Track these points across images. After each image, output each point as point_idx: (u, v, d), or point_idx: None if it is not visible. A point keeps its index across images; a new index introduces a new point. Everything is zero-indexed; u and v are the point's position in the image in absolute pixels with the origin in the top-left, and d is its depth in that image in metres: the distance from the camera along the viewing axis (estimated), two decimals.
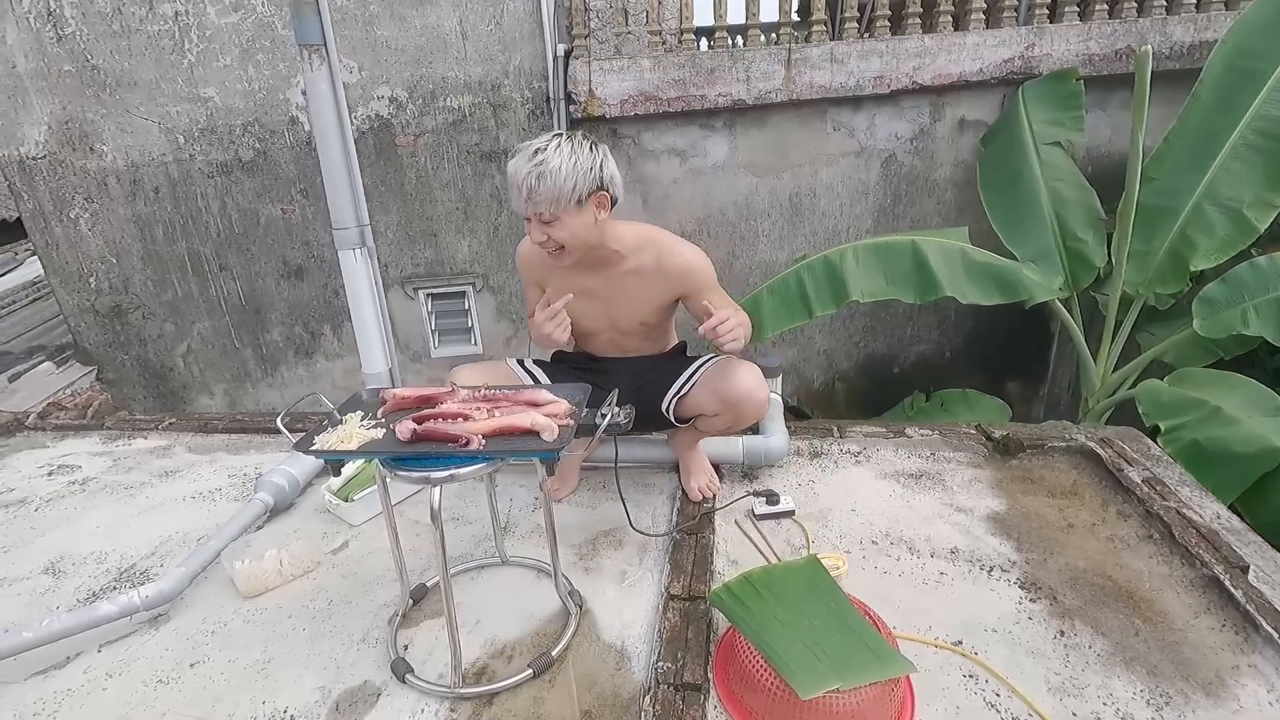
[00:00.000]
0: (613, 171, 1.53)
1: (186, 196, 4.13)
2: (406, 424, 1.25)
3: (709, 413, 1.69)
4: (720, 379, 1.65)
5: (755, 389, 1.62)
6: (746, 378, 1.62)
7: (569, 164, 1.44)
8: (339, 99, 2.05)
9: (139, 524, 1.97)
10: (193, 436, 2.47)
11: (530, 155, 1.45)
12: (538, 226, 1.51)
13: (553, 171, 1.43)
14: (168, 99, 3.91)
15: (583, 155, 1.47)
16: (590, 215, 1.52)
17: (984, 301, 3.40)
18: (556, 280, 1.73)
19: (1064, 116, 3.92)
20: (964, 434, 2.16)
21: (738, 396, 1.62)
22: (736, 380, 1.62)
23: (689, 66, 3.94)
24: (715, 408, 1.66)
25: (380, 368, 2.42)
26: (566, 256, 1.57)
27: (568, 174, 1.44)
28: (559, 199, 1.45)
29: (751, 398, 1.62)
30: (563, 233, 1.51)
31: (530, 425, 1.25)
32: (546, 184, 1.43)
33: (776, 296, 3.62)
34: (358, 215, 2.22)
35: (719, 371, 1.67)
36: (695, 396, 1.69)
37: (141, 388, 4.56)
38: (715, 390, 1.65)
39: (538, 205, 1.46)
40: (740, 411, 1.64)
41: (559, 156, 1.44)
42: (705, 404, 1.68)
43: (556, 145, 1.46)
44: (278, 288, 4.39)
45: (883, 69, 4.02)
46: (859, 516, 1.81)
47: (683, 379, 1.73)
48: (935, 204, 4.49)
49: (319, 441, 1.27)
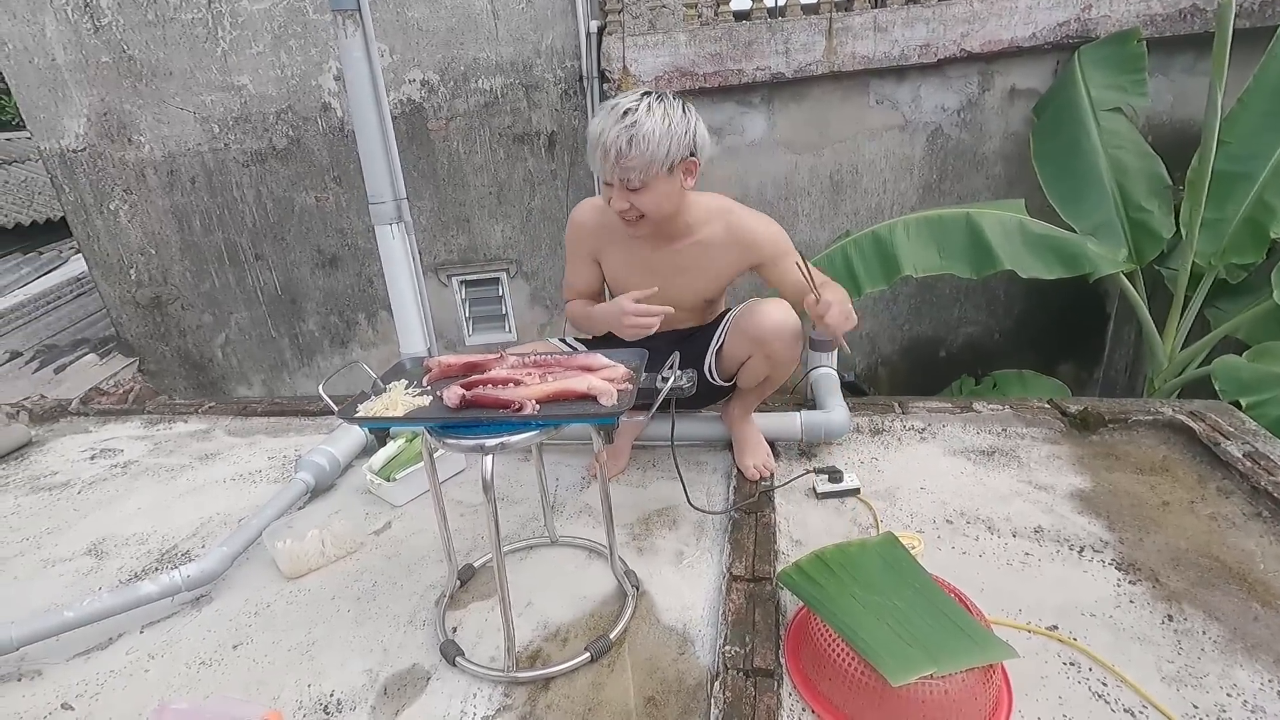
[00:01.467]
0: (705, 135, 1.43)
1: (222, 186, 4.13)
2: (455, 389, 1.17)
3: (742, 356, 1.59)
4: (747, 317, 1.54)
5: (783, 320, 1.50)
6: (772, 311, 1.50)
7: (663, 127, 1.33)
8: (374, 67, 1.98)
9: (180, 506, 1.93)
10: (232, 420, 2.43)
11: (620, 116, 1.34)
12: (621, 193, 1.40)
13: (646, 135, 1.32)
14: (202, 88, 3.91)
15: (676, 118, 1.36)
16: (677, 183, 1.43)
17: (1045, 275, 3.23)
18: (614, 253, 1.64)
19: (1125, 80, 3.70)
20: (1037, 409, 2.01)
21: (762, 332, 1.50)
22: (763, 314, 1.50)
23: (726, 40, 3.81)
24: (747, 349, 1.56)
25: (419, 348, 2.35)
26: (645, 226, 1.47)
27: (661, 137, 1.33)
28: (650, 165, 1.35)
29: (779, 330, 1.50)
30: (649, 201, 1.41)
31: (587, 389, 1.16)
32: (639, 149, 1.33)
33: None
34: (394, 189, 2.15)
35: (745, 311, 1.57)
36: (731, 344, 1.60)
37: (182, 378, 4.60)
38: (743, 330, 1.55)
39: (626, 171, 1.36)
40: (772, 349, 1.52)
41: (652, 119, 1.33)
42: (739, 349, 1.58)
43: (648, 106, 1.34)
44: (313, 277, 4.37)
45: (929, 36, 3.85)
46: (929, 495, 1.69)
47: (719, 331, 1.64)
48: (984, 179, 4.30)
49: (363, 409, 1.19)
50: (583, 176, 4.13)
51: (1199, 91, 4.05)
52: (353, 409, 1.19)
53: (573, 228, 1.67)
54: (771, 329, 1.49)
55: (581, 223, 1.65)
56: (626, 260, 1.63)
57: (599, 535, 1.60)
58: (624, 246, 1.61)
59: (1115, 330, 4.74)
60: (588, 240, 1.65)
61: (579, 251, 1.69)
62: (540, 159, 4.10)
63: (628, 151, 1.33)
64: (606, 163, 1.36)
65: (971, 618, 1.15)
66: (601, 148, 1.35)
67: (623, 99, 1.37)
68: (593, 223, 1.63)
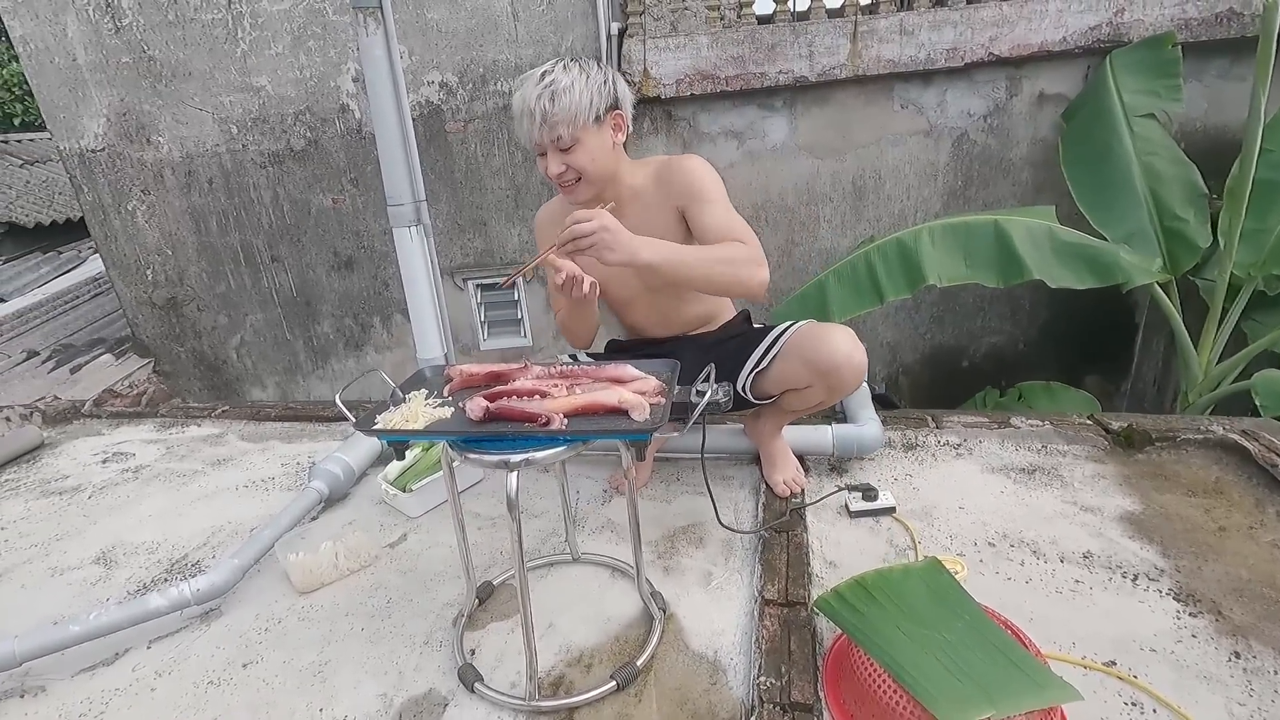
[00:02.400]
0: (625, 90, 1.43)
1: (240, 187, 4.12)
2: (478, 401, 1.11)
3: (798, 385, 1.50)
4: (811, 344, 1.46)
5: (853, 351, 1.43)
6: (842, 340, 1.43)
7: (581, 80, 1.34)
8: (395, 67, 1.94)
9: (191, 513, 1.89)
10: (245, 424, 2.39)
11: (538, 79, 1.34)
12: (555, 155, 1.38)
13: (566, 88, 1.32)
14: (221, 89, 3.89)
15: (593, 70, 1.37)
16: (608, 137, 1.41)
17: (1075, 285, 3.13)
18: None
19: (1159, 86, 3.61)
20: (1078, 425, 1.93)
21: (834, 362, 1.42)
22: (832, 344, 1.43)
23: (749, 43, 3.75)
24: (806, 378, 1.48)
25: (436, 353, 2.30)
26: (585, 189, 1.43)
27: (581, 89, 1.33)
28: (576, 116, 1.33)
29: (850, 362, 1.43)
30: (583, 157, 1.38)
31: (618, 403, 1.09)
32: (562, 102, 1.32)
33: (844, 281, 3.41)
34: (414, 190, 2.11)
35: (808, 336, 1.48)
36: (780, 368, 1.50)
37: (196, 380, 4.58)
38: (806, 358, 1.46)
39: (555, 128, 1.33)
40: (838, 380, 1.45)
41: (569, 74, 1.34)
42: (793, 375, 1.49)
43: (563, 66, 1.35)
44: (328, 279, 4.35)
45: (956, 40, 3.77)
46: (969, 515, 1.61)
47: (761, 349, 1.54)
48: (1010, 185, 4.21)
49: (381, 421, 1.14)
50: None
51: (1234, 97, 3.95)
52: (371, 420, 1.14)
53: (538, 230, 1.66)
54: (844, 360, 1.42)
55: (543, 222, 1.65)
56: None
57: (622, 552, 1.54)
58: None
59: (1144, 341, 4.62)
60: (551, 236, 1.61)
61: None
62: None
63: (551, 108, 1.32)
64: (534, 126, 1.34)
65: (1027, 653, 1.07)
66: (527, 113, 1.33)
67: (536, 69, 1.37)
68: (553, 216, 1.61)
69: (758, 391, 1.55)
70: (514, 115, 1.38)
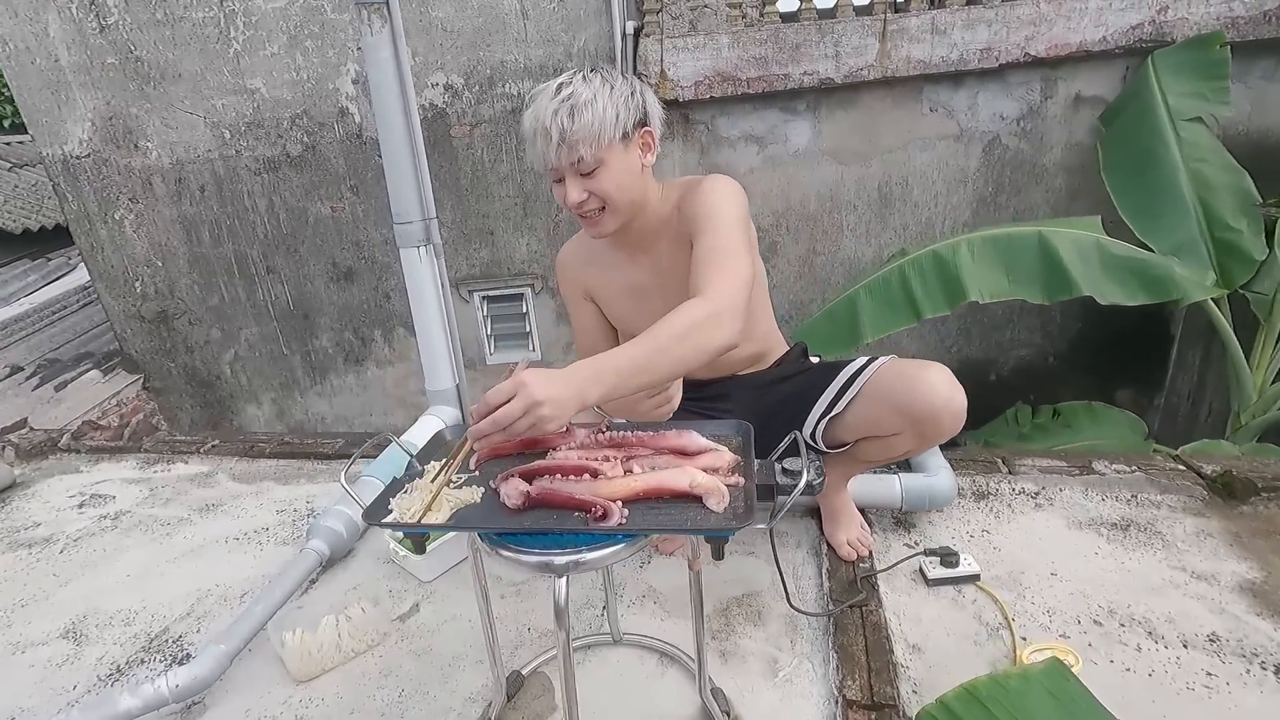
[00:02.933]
0: (655, 104, 1.20)
1: (233, 195, 3.90)
2: (515, 484, 0.91)
3: (883, 433, 1.28)
4: (902, 386, 1.24)
5: (953, 394, 1.21)
6: (940, 381, 1.21)
7: (604, 92, 1.12)
8: (403, 68, 1.73)
9: (175, 573, 1.68)
10: (237, 462, 2.18)
11: (553, 92, 1.12)
12: (575, 181, 1.16)
13: (587, 102, 1.10)
14: (213, 91, 3.68)
15: (617, 82, 1.15)
16: (635, 158, 1.19)
17: (1127, 302, 2.94)
18: (600, 283, 1.39)
19: (1206, 88, 3.41)
20: (1169, 470, 1.73)
21: (931, 407, 1.20)
22: (928, 386, 1.21)
23: (772, 42, 3.54)
24: (894, 425, 1.25)
25: (446, 383, 2.10)
26: (610, 220, 1.21)
27: (605, 103, 1.11)
28: (599, 135, 1.11)
29: (950, 407, 1.21)
30: (608, 182, 1.16)
31: (689, 487, 0.88)
32: (584, 118, 1.10)
33: (876, 297, 3.21)
34: (424, 207, 1.90)
35: (896, 377, 1.26)
36: (860, 413, 1.28)
37: (188, 397, 4.36)
38: (896, 403, 1.23)
39: (575, 149, 1.11)
40: (935, 429, 1.23)
41: (589, 87, 1.12)
42: (878, 421, 1.27)
43: (583, 76, 1.14)
44: (327, 291, 4.13)
45: (990, 40, 3.56)
46: (1064, 583, 1.41)
47: (833, 391, 1.31)
48: (1043, 192, 4.01)
49: (396, 507, 0.93)
50: None
51: None
52: (383, 508, 0.93)
53: (561, 272, 1.44)
54: (944, 405, 1.20)
55: (566, 262, 1.42)
56: (611, 287, 1.38)
57: (670, 631, 1.33)
58: (607, 272, 1.37)
59: (1179, 354, 4.43)
60: (576, 279, 1.42)
61: (573, 296, 1.44)
62: None
63: (570, 125, 1.10)
64: (549, 146, 1.12)
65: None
66: (542, 132, 1.11)
67: (552, 81, 1.15)
68: (576, 257, 1.40)
69: (829, 439, 1.34)
70: (525, 134, 1.16)
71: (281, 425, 4.46)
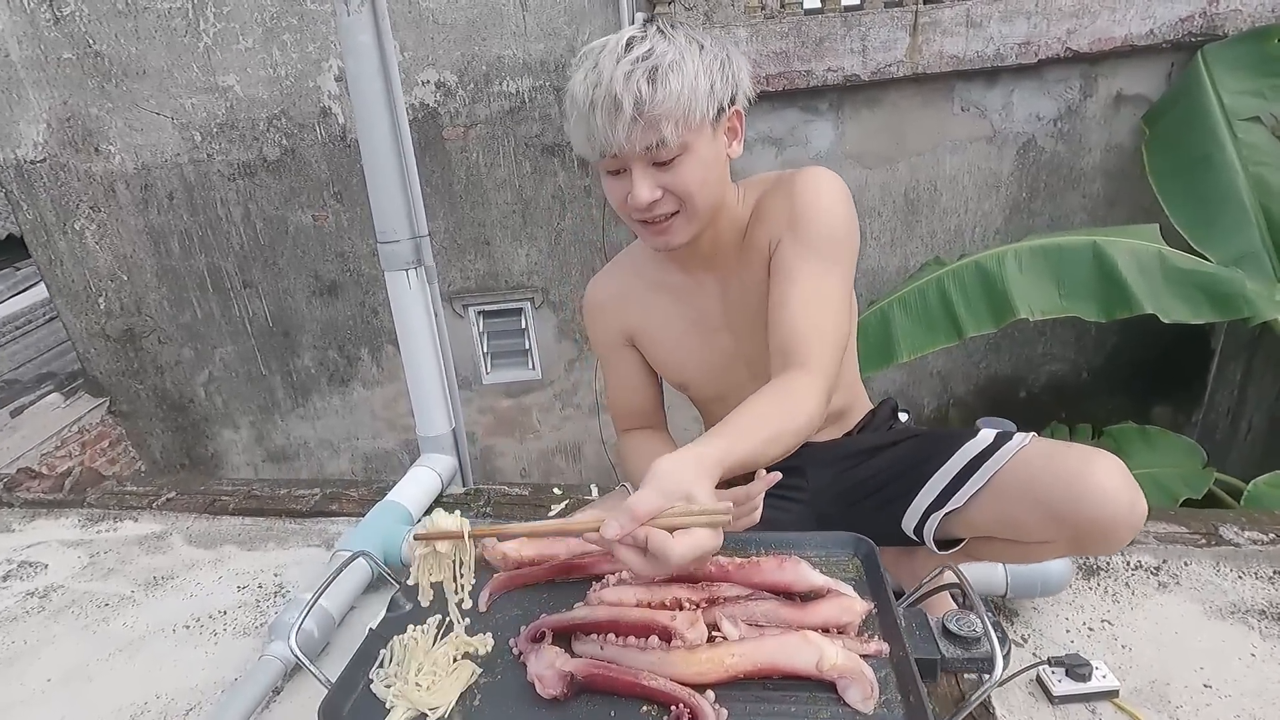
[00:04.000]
0: (747, 76, 0.90)
1: (205, 203, 3.58)
2: (549, 660, 0.60)
3: (1026, 539, 0.94)
4: (1060, 486, 0.87)
5: (1135, 501, 0.85)
6: (1117, 484, 0.84)
7: (693, 53, 0.82)
8: (386, 56, 1.42)
9: (106, 677, 1.36)
10: (195, 520, 1.86)
11: (622, 49, 0.80)
12: (647, 174, 0.85)
13: (674, 65, 0.80)
14: (181, 89, 3.36)
15: (706, 43, 0.84)
16: (721, 147, 0.90)
17: (1193, 319, 2.68)
18: (648, 318, 1.08)
19: (1264, 85, 3.15)
20: None
21: (1106, 520, 0.84)
22: (1100, 491, 0.84)
23: (794, 36, 3.26)
24: (1045, 532, 0.90)
25: (441, 429, 1.79)
26: (685, 227, 0.91)
27: (696, 68, 0.81)
28: (690, 111, 0.81)
29: (1131, 518, 0.85)
30: (691, 176, 0.86)
31: (815, 669, 0.59)
32: (670, 86, 0.79)
33: (911, 312, 2.93)
34: (414, 223, 1.60)
35: (1049, 470, 0.89)
36: (992, 511, 0.93)
37: (159, 421, 4.04)
38: (1051, 509, 0.87)
39: (656, 128, 0.81)
40: (1104, 541, 0.89)
41: (673, 45, 0.81)
42: (1019, 524, 0.92)
43: (659, 29, 0.83)
44: (309, 306, 3.81)
45: (1030, 33, 3.30)
46: (1224, 700, 1.12)
47: (947, 475, 0.98)
48: (1080, 197, 3.75)
49: (380, 685, 0.63)
50: None
51: None
52: (354, 684, 0.62)
53: (591, 315, 1.13)
54: (1125, 514, 0.84)
55: (599, 303, 1.12)
56: (663, 324, 1.08)
57: None
58: (656, 305, 1.07)
59: (1219, 369, 4.18)
60: (614, 323, 1.11)
61: (610, 344, 1.13)
62: (573, 173, 3.54)
63: (651, 94, 0.79)
64: (618, 123, 0.80)
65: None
66: (607, 102, 0.80)
67: (613, 36, 0.84)
68: (612, 295, 1.11)
69: (942, 534, 1.03)
70: (576, 105, 0.84)
71: (261, 451, 4.14)
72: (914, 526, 1.03)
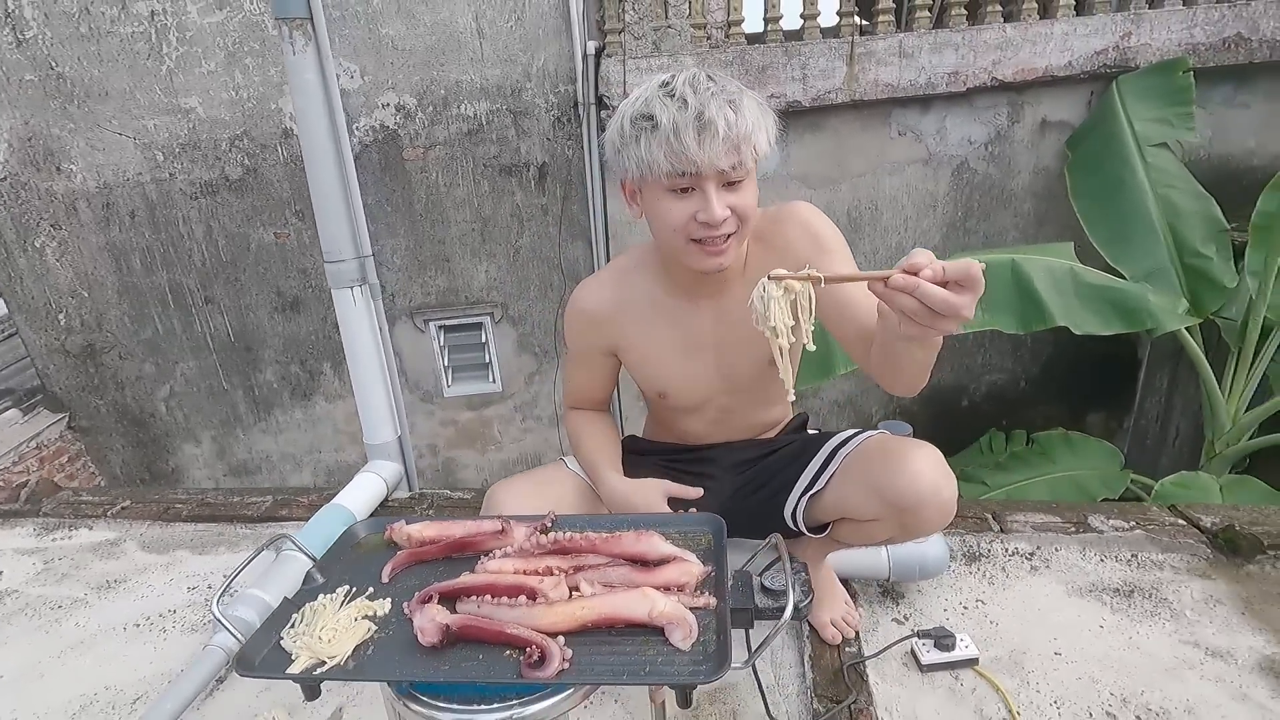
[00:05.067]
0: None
1: (167, 221, 3.65)
2: (430, 615, 0.72)
3: (861, 517, 1.11)
4: (882, 468, 1.05)
5: (941, 484, 1.02)
6: (926, 465, 1.02)
7: (752, 99, 0.96)
8: (330, 91, 1.55)
9: (58, 672, 1.44)
10: (149, 527, 1.94)
11: (695, 84, 0.93)
12: (719, 193, 0.96)
13: (739, 98, 0.94)
14: (144, 111, 3.44)
15: (750, 92, 0.98)
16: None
17: (1102, 331, 2.87)
18: (642, 333, 1.18)
19: (1171, 114, 3.40)
20: (1168, 525, 1.61)
21: (915, 497, 1.02)
22: (912, 471, 1.02)
23: (737, 64, 3.44)
24: (871, 510, 1.07)
25: (387, 437, 1.90)
26: (735, 250, 1.03)
27: (752, 102, 0.95)
28: (760, 140, 0.95)
29: (937, 499, 1.02)
30: (751, 200, 0.99)
31: (647, 617, 0.71)
32: (746, 116, 0.92)
33: None
34: (357, 244, 1.71)
35: (880, 456, 1.08)
36: (838, 493, 1.11)
37: (119, 436, 4.06)
38: (875, 485, 1.05)
39: (739, 149, 0.92)
40: (915, 520, 1.05)
41: (726, 85, 0.95)
42: (855, 504, 1.09)
43: (708, 78, 0.95)
44: (271, 322, 3.88)
45: (958, 64, 3.52)
46: (1070, 665, 1.27)
47: (816, 464, 1.15)
48: (1012, 217, 3.97)
49: (289, 640, 0.74)
50: (576, 213, 3.71)
51: (1240, 125, 3.79)
52: (266, 641, 0.74)
53: (577, 320, 1.21)
54: (930, 495, 1.02)
55: (590, 311, 1.19)
56: (655, 343, 1.17)
57: None
58: (651, 324, 1.17)
59: (1147, 378, 4.42)
60: (601, 331, 1.20)
61: (588, 346, 1.23)
62: (530, 193, 3.68)
63: (735, 119, 0.91)
64: (708, 142, 0.91)
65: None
66: (698, 123, 0.91)
67: (662, 76, 0.97)
68: (604, 305, 1.18)
69: (809, 520, 1.18)
70: (657, 124, 0.92)
71: (222, 465, 4.18)
72: (790, 512, 1.17)
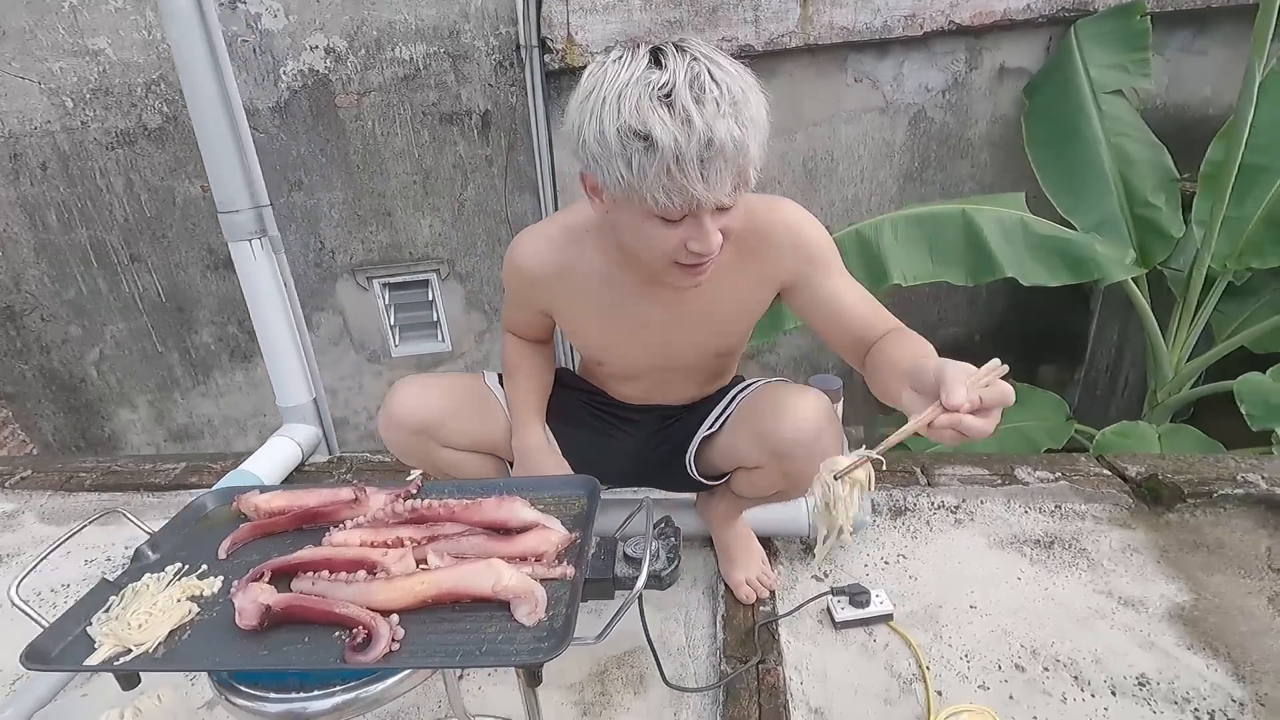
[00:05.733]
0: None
1: (82, 174, 3.42)
2: (253, 595, 0.65)
3: (747, 464, 1.08)
4: (765, 412, 1.01)
5: (816, 430, 0.98)
6: (807, 410, 0.98)
7: (756, 96, 0.82)
8: (207, 14, 1.40)
9: None
10: (50, 497, 1.84)
11: (683, 77, 0.76)
12: (716, 219, 0.84)
13: (745, 94, 0.79)
14: (47, 52, 3.17)
15: (743, 69, 0.84)
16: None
17: (1050, 283, 2.85)
18: (581, 304, 1.08)
19: (1127, 60, 3.33)
20: (1093, 475, 1.60)
21: (793, 441, 0.97)
22: (792, 415, 0.97)
23: (687, 5, 3.29)
24: (755, 457, 1.04)
25: (301, 398, 1.81)
26: (714, 264, 0.92)
27: (759, 105, 0.82)
28: (763, 149, 0.84)
29: (817, 444, 0.98)
30: (741, 211, 0.89)
31: (492, 591, 0.65)
32: (758, 126, 0.81)
33: None
34: (252, 192, 1.59)
35: (767, 401, 1.03)
36: (728, 439, 1.08)
37: (49, 402, 3.88)
38: (757, 430, 1.01)
39: (747, 174, 0.82)
40: (794, 468, 1.00)
41: (737, 78, 0.79)
42: (742, 452, 1.07)
43: (715, 64, 0.79)
44: (204, 281, 3.70)
45: (915, 6, 3.40)
46: (984, 618, 1.26)
47: (714, 415, 1.13)
48: (970, 167, 3.91)
49: (96, 628, 0.67)
50: (522, 164, 3.56)
51: (1196, 73, 3.74)
52: (70, 629, 0.66)
53: (514, 276, 1.11)
54: (809, 439, 0.97)
55: (528, 270, 1.08)
56: (603, 315, 1.08)
57: None
58: (601, 298, 1.06)
59: (1099, 330, 4.46)
60: (538, 292, 1.11)
61: (524, 302, 1.15)
62: (473, 142, 3.51)
63: (743, 140, 0.78)
64: (714, 177, 0.78)
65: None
66: (704, 151, 0.76)
67: (660, 72, 0.78)
68: (545, 267, 1.07)
69: (705, 467, 1.14)
70: (649, 147, 0.76)
71: (162, 430, 4.03)
72: (689, 457, 1.13)
